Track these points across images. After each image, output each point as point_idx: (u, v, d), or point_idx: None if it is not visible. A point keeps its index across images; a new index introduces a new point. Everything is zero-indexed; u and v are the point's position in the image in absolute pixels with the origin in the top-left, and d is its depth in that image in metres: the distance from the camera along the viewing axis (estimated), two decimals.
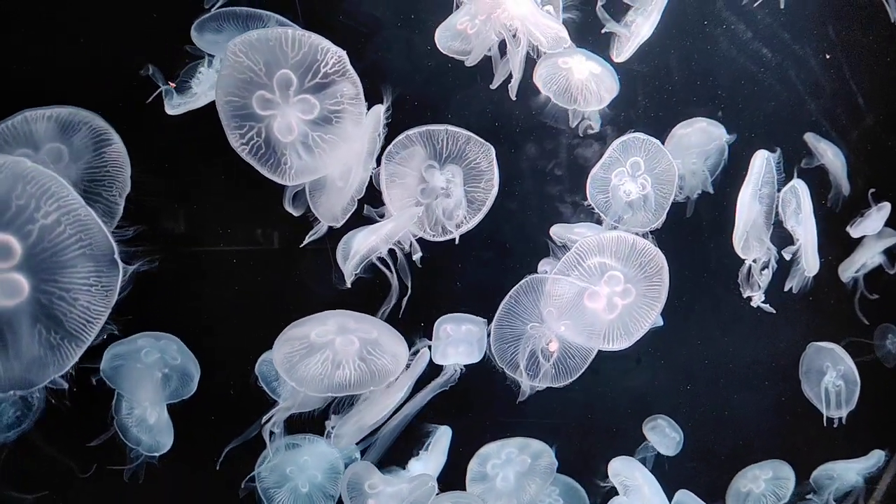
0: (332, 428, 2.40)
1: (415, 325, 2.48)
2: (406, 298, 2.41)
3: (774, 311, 2.81)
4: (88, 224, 1.75)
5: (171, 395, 2.41)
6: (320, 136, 2.14)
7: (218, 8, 2.26)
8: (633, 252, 2.43)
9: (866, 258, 3.00)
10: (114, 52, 2.33)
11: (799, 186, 2.80)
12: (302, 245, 2.34)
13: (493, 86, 2.43)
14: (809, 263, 2.87)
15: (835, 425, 2.94)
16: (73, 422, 2.29)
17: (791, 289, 2.90)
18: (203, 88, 2.32)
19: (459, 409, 2.66)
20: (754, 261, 2.80)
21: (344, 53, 2.08)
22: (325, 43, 2.07)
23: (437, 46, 2.43)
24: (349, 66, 2.10)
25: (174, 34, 2.27)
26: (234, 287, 2.52)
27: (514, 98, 2.40)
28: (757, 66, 2.83)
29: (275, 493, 2.50)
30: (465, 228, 2.47)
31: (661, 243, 2.56)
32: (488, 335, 2.51)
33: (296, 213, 2.29)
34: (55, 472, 2.45)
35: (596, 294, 2.42)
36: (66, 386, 1.86)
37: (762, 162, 2.77)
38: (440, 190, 2.43)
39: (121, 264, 1.77)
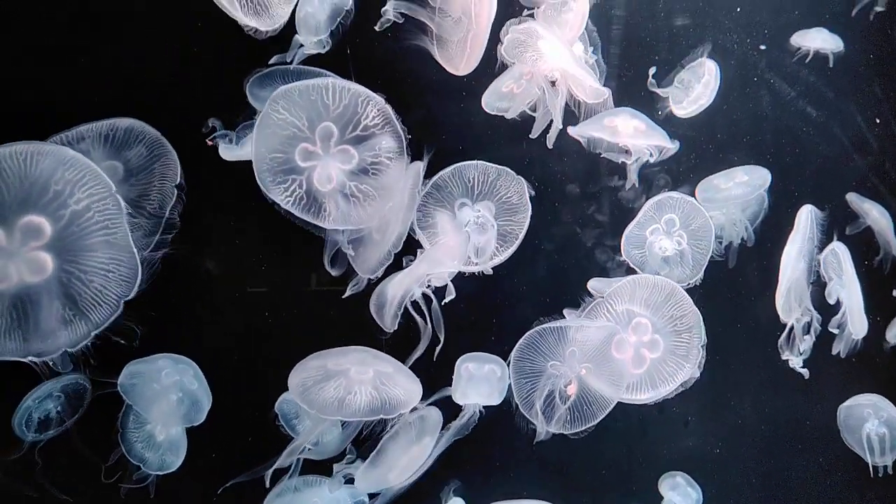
0: (338, 473, 2.42)
1: (440, 372, 2.51)
2: (438, 348, 2.45)
3: (807, 377, 2.75)
4: (115, 215, 1.89)
5: (183, 420, 2.43)
6: (357, 186, 2.21)
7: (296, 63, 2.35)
8: (666, 302, 2.42)
9: None
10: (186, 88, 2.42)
11: (839, 249, 2.76)
12: (344, 296, 2.40)
13: (533, 135, 2.47)
14: (856, 326, 2.80)
15: (880, 474, 2.84)
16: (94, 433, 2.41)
17: (839, 353, 2.83)
18: None
19: (475, 453, 2.65)
20: (796, 320, 2.75)
21: (383, 102, 2.15)
22: (366, 93, 2.14)
23: (484, 109, 2.51)
24: (392, 118, 2.17)
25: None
26: (269, 324, 2.58)
27: (550, 146, 2.45)
28: (802, 123, 2.81)
29: None
30: (497, 261, 2.51)
31: (699, 297, 2.56)
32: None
33: (335, 273, 2.36)
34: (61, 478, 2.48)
35: (623, 343, 2.42)
36: (71, 367, 1.96)
37: (807, 216, 2.74)
38: (472, 227, 2.48)
39: (137, 254, 1.91)
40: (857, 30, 2.76)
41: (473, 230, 2.48)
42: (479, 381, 2.53)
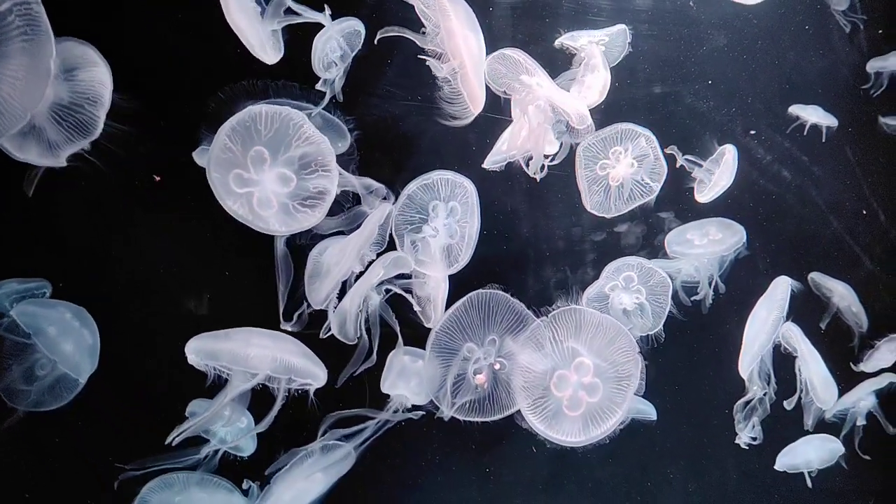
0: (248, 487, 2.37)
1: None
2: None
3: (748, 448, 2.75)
4: (38, 22, 1.74)
5: (70, 367, 2.29)
6: (300, 202, 2.22)
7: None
8: (610, 345, 2.39)
9: (856, 398, 2.82)
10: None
11: (794, 330, 2.74)
12: (322, 336, 2.38)
13: (531, 172, 2.47)
14: (821, 398, 2.75)
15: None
16: None
17: (809, 427, 2.82)
18: None
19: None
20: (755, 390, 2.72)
21: (306, 121, 2.13)
22: (297, 116, 2.14)
23: (486, 169, 2.53)
24: (321, 137, 2.16)
25: None
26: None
27: (532, 175, 2.46)
28: (777, 187, 2.80)
29: None
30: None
31: (666, 349, 2.64)
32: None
33: (293, 330, 2.36)
34: None
35: (564, 380, 2.38)
36: None
37: (785, 290, 2.70)
38: (441, 228, 2.48)
39: (53, 68, 1.76)
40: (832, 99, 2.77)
41: (443, 233, 2.48)
42: (409, 375, 2.47)
